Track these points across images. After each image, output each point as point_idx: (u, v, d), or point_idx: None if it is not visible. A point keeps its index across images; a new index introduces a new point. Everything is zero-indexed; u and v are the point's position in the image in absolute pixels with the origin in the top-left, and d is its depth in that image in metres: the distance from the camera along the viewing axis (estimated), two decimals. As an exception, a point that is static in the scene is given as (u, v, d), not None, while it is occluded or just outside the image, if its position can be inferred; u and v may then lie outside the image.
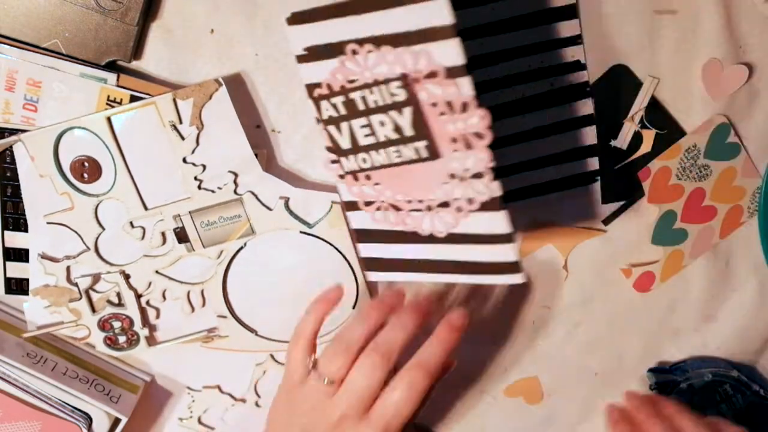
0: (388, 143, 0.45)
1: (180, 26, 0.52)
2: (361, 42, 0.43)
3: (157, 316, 0.57)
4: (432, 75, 0.42)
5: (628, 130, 0.56)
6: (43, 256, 0.54)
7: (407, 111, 0.44)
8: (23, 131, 0.51)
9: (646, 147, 0.56)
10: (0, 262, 0.55)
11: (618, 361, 0.63)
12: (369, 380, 0.47)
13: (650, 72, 0.55)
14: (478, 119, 0.42)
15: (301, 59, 0.46)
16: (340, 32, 0.43)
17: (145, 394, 0.59)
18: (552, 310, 0.61)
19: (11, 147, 0.52)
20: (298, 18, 0.45)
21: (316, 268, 0.56)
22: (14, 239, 0.54)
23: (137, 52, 0.52)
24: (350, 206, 0.50)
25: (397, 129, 0.45)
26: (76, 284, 0.55)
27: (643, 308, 0.61)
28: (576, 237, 0.58)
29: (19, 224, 0.54)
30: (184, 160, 0.52)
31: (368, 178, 0.48)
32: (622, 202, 0.58)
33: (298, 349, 0.51)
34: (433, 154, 0.44)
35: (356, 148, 0.47)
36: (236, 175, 0.53)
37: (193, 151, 0.52)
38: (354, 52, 0.44)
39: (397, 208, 0.48)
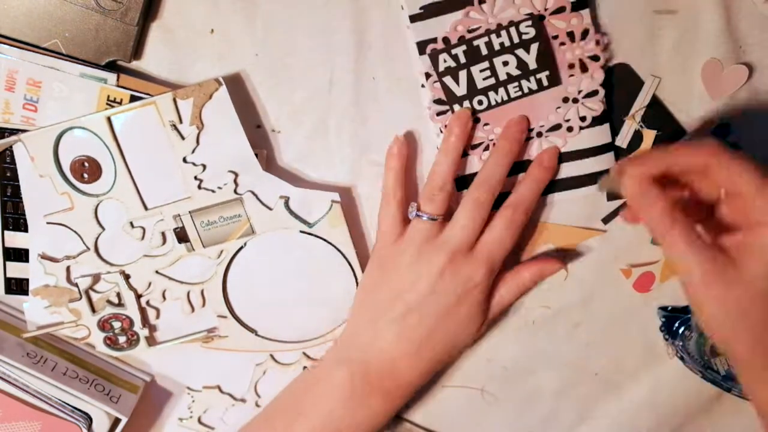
0: (509, 80, 0.52)
1: (180, 26, 0.52)
2: None
3: (157, 316, 0.57)
4: (559, 10, 0.50)
5: (628, 128, 0.56)
6: (43, 257, 0.54)
7: (534, 47, 0.51)
8: (23, 131, 0.51)
9: (645, 146, 0.56)
10: (0, 262, 0.55)
11: (618, 361, 0.63)
12: (474, 218, 0.51)
13: (650, 71, 0.55)
14: (594, 44, 0.52)
15: (414, 18, 0.51)
16: None
17: (145, 394, 0.59)
18: (552, 310, 0.61)
19: (11, 147, 0.52)
20: None
21: (316, 268, 0.56)
22: (14, 239, 0.54)
23: (137, 52, 0.52)
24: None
25: (521, 65, 0.51)
26: (76, 284, 0.55)
27: (644, 308, 0.61)
28: (576, 237, 0.58)
29: (19, 224, 0.54)
30: (184, 160, 0.52)
31: (477, 121, 0.53)
32: (623, 200, 0.58)
33: (389, 207, 0.53)
34: (553, 81, 0.52)
35: (473, 92, 0.52)
36: (236, 174, 0.53)
37: (193, 151, 0.52)
38: (481, 1, 0.50)
39: None
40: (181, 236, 0.54)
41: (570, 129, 0.53)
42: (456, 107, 0.53)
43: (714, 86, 0.55)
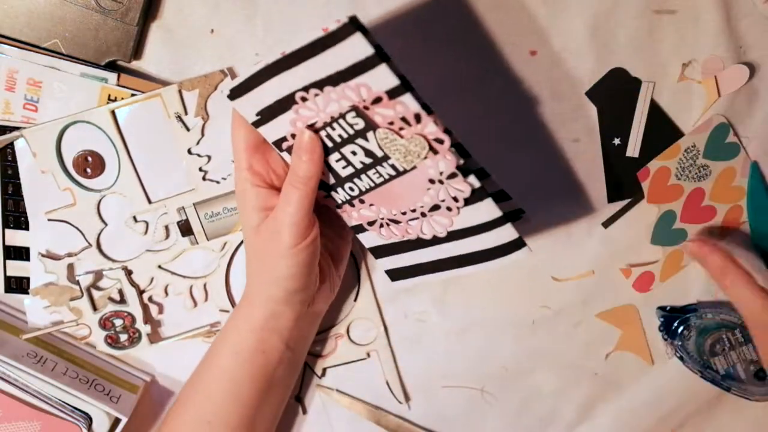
0: (366, 168, 0.48)
1: (180, 26, 0.52)
2: (305, 89, 0.45)
3: (160, 312, 0.57)
4: (377, 101, 0.43)
5: (636, 138, 0.56)
6: (44, 254, 0.54)
7: (371, 135, 0.46)
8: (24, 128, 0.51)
9: (707, 106, 0.56)
10: (0, 261, 0.55)
11: (618, 361, 0.63)
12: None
13: (650, 72, 0.55)
14: (434, 126, 0.44)
15: (258, 124, 0.48)
16: (283, 87, 0.45)
17: (146, 393, 0.59)
18: (552, 310, 0.61)
19: (13, 144, 0.52)
20: (238, 91, 0.46)
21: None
22: (14, 237, 0.54)
23: (137, 52, 0.52)
24: (357, 229, 0.53)
25: (369, 153, 0.47)
26: (77, 282, 0.55)
27: (644, 308, 0.61)
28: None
29: (20, 222, 0.54)
30: (189, 152, 0.53)
31: (362, 201, 0.50)
32: (625, 201, 0.58)
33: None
34: (408, 166, 0.47)
35: (340, 181, 0.49)
36: (240, 164, 0.53)
37: (198, 142, 0.53)
38: (303, 99, 0.45)
39: (396, 222, 0.51)
40: (185, 229, 0.55)
41: (449, 209, 0.49)
42: (333, 193, 0.51)
43: (714, 86, 0.56)
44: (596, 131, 0.56)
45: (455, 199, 0.48)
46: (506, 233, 0.49)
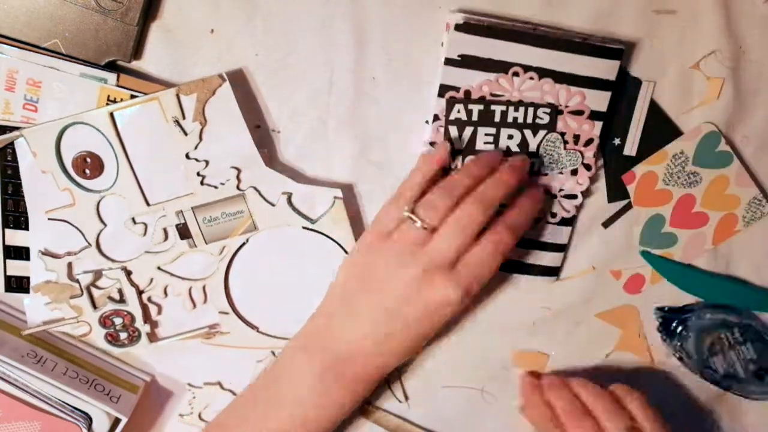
0: (506, 154, 0.54)
1: (180, 26, 0.52)
2: (525, 68, 0.52)
3: (159, 313, 0.57)
4: (578, 113, 0.53)
5: (634, 138, 0.56)
6: (44, 253, 0.54)
7: (541, 133, 0.53)
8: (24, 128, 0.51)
9: (712, 95, 0.56)
10: (0, 260, 0.55)
11: (618, 361, 0.63)
12: (463, 235, 0.49)
13: (649, 72, 0.55)
14: (593, 155, 0.55)
15: (449, 62, 0.52)
16: (510, 54, 0.52)
17: (146, 392, 0.59)
18: (552, 311, 0.61)
19: (13, 144, 0.52)
20: (467, 28, 0.51)
21: (318, 265, 0.57)
22: (14, 237, 0.54)
23: (137, 52, 0.52)
24: None
25: (522, 144, 0.54)
26: (77, 281, 0.55)
27: (643, 308, 0.61)
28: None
29: (20, 222, 0.54)
30: (187, 156, 0.53)
31: None
32: (625, 201, 0.58)
33: (395, 205, 0.52)
34: (543, 171, 0.55)
35: (469, 151, 0.54)
36: (239, 170, 0.53)
37: (196, 147, 0.53)
38: (516, 74, 0.52)
39: None
40: (183, 232, 0.55)
41: (538, 219, 0.56)
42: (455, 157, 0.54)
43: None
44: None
45: (553, 215, 0.56)
46: (555, 259, 0.58)
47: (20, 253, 0.55)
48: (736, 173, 0.58)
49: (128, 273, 0.55)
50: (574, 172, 0.55)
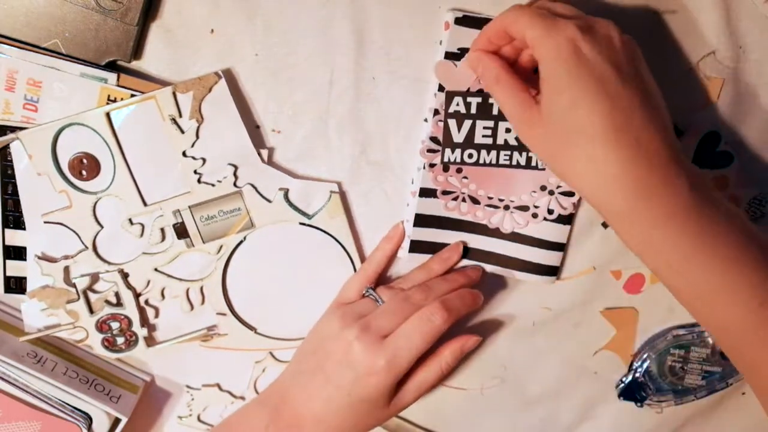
0: (504, 147, 0.54)
1: (180, 26, 0.52)
2: None
3: (156, 315, 0.57)
4: None
5: None
6: (41, 257, 0.54)
7: None
8: (23, 128, 0.51)
9: (712, 96, 0.56)
10: (0, 261, 0.55)
11: (618, 361, 0.63)
12: (401, 313, 0.52)
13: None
14: None
15: (449, 56, 0.52)
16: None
17: (145, 393, 0.59)
18: (552, 311, 0.61)
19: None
20: (467, 21, 0.51)
21: (316, 260, 0.57)
22: (14, 237, 0.54)
23: (137, 52, 0.52)
24: (425, 193, 0.55)
25: (519, 138, 0.51)
26: (74, 285, 0.55)
27: (644, 308, 0.61)
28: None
29: (20, 222, 0.54)
30: (184, 154, 0.53)
31: (459, 171, 0.55)
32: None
33: (358, 276, 0.57)
34: (541, 165, 0.54)
35: (467, 144, 0.54)
36: (236, 167, 0.53)
37: (192, 145, 0.52)
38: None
39: (474, 201, 0.55)
40: (181, 232, 0.55)
41: (535, 216, 0.56)
42: (447, 151, 0.54)
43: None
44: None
45: (549, 211, 0.55)
46: (554, 258, 0.57)
47: (20, 253, 0.55)
48: (736, 173, 0.58)
49: (125, 276, 0.55)
50: None
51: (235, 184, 0.54)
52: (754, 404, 0.63)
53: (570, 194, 0.55)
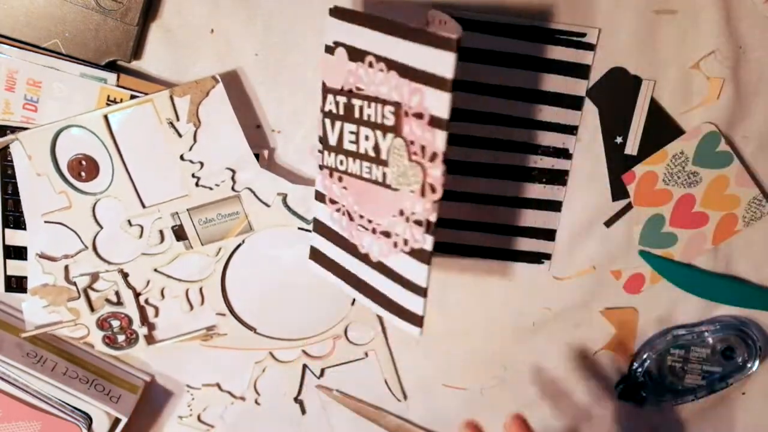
0: (365, 157, 0.46)
1: (180, 26, 0.52)
2: (378, 58, 0.44)
3: (156, 315, 0.57)
4: (419, 115, 0.42)
5: (635, 137, 0.56)
6: (41, 256, 0.54)
7: (390, 137, 0.44)
8: (23, 129, 0.51)
9: (712, 95, 0.56)
10: (0, 260, 0.55)
11: (618, 361, 0.63)
12: None
13: (650, 72, 0.55)
14: (439, 173, 0.42)
15: (327, 50, 0.48)
16: (367, 42, 0.45)
17: (145, 393, 0.59)
18: (552, 311, 0.61)
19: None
20: (338, 13, 0.46)
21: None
22: (14, 237, 0.54)
23: (137, 52, 0.52)
24: (319, 196, 0.52)
25: (376, 149, 0.45)
26: (74, 283, 0.55)
27: (644, 308, 0.61)
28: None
29: (20, 222, 0.54)
30: (182, 158, 0.53)
31: (340, 179, 0.49)
32: (627, 200, 0.58)
33: None
34: (392, 185, 0.45)
35: (339, 149, 0.48)
36: (234, 171, 0.53)
37: (190, 148, 0.52)
38: (371, 64, 0.44)
39: (350, 218, 0.49)
40: (179, 234, 0.55)
41: (395, 244, 0.46)
42: (325, 153, 0.49)
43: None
44: (598, 130, 0.56)
45: (405, 242, 0.45)
46: (416, 304, 0.46)
47: (20, 253, 0.55)
48: (736, 173, 0.58)
49: (125, 275, 0.55)
50: (423, 194, 0.43)
51: (233, 188, 0.54)
52: (754, 404, 0.63)
53: (419, 223, 0.44)
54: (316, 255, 0.53)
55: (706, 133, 0.57)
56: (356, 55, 0.45)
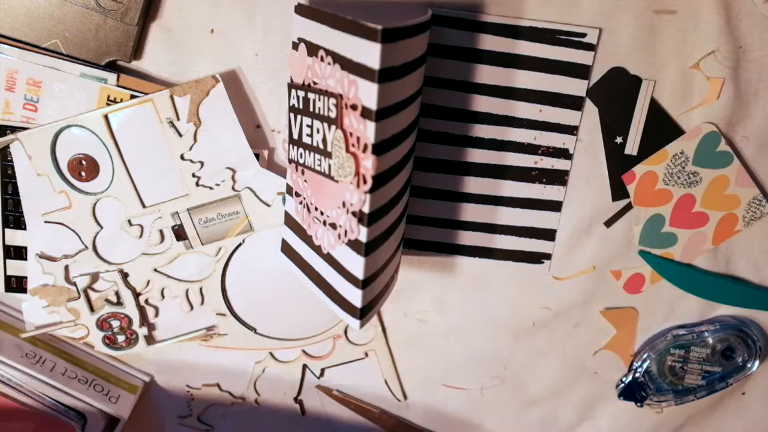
0: (316, 150, 0.47)
1: (180, 26, 0.52)
2: (327, 52, 0.45)
3: (156, 315, 0.57)
4: (354, 107, 0.43)
5: (635, 137, 0.56)
6: (41, 256, 0.54)
7: (332, 129, 0.45)
8: (23, 129, 0.51)
9: (711, 95, 0.56)
10: (0, 260, 0.55)
11: (618, 361, 0.63)
12: None
13: (650, 72, 0.55)
14: (370, 165, 0.43)
15: (294, 46, 0.49)
16: (320, 37, 0.46)
17: (145, 394, 0.59)
18: (552, 311, 0.61)
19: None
20: (301, 10, 0.48)
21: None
22: (14, 237, 0.54)
23: (137, 52, 0.52)
24: (288, 189, 0.53)
25: (324, 141, 0.46)
26: (74, 283, 0.55)
27: (644, 308, 0.61)
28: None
29: (20, 222, 0.54)
30: (182, 157, 0.53)
31: (303, 173, 0.50)
32: (628, 200, 0.58)
33: None
34: (334, 177, 0.46)
35: (299, 143, 0.49)
36: (234, 171, 0.53)
37: (190, 148, 0.53)
38: (322, 59, 0.45)
39: (308, 210, 0.50)
40: (180, 234, 0.55)
41: (339, 236, 0.47)
42: (290, 147, 0.50)
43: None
44: (598, 130, 0.56)
45: (345, 233, 0.46)
46: (355, 295, 0.47)
47: (20, 253, 0.55)
48: (736, 173, 0.58)
49: (125, 275, 0.55)
50: (358, 185, 0.44)
51: (233, 188, 0.54)
52: (754, 404, 0.63)
53: (355, 214, 0.45)
54: (286, 249, 0.54)
55: (706, 133, 0.57)
56: (312, 49, 0.46)
